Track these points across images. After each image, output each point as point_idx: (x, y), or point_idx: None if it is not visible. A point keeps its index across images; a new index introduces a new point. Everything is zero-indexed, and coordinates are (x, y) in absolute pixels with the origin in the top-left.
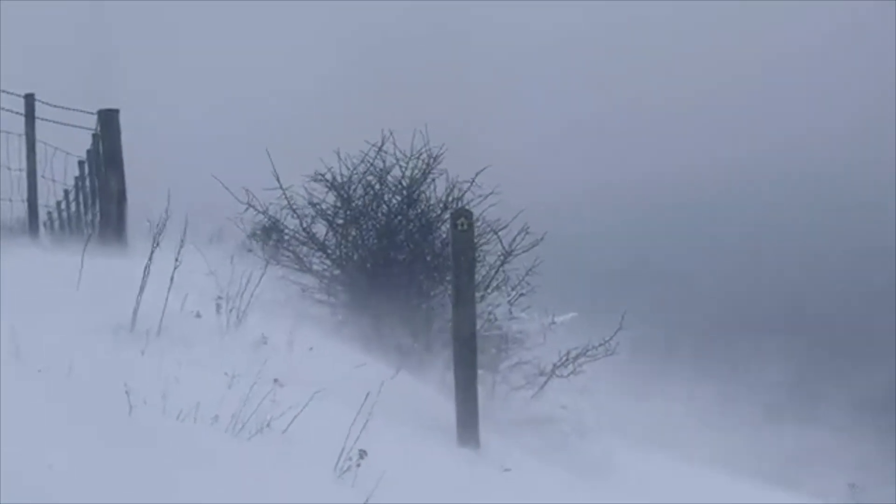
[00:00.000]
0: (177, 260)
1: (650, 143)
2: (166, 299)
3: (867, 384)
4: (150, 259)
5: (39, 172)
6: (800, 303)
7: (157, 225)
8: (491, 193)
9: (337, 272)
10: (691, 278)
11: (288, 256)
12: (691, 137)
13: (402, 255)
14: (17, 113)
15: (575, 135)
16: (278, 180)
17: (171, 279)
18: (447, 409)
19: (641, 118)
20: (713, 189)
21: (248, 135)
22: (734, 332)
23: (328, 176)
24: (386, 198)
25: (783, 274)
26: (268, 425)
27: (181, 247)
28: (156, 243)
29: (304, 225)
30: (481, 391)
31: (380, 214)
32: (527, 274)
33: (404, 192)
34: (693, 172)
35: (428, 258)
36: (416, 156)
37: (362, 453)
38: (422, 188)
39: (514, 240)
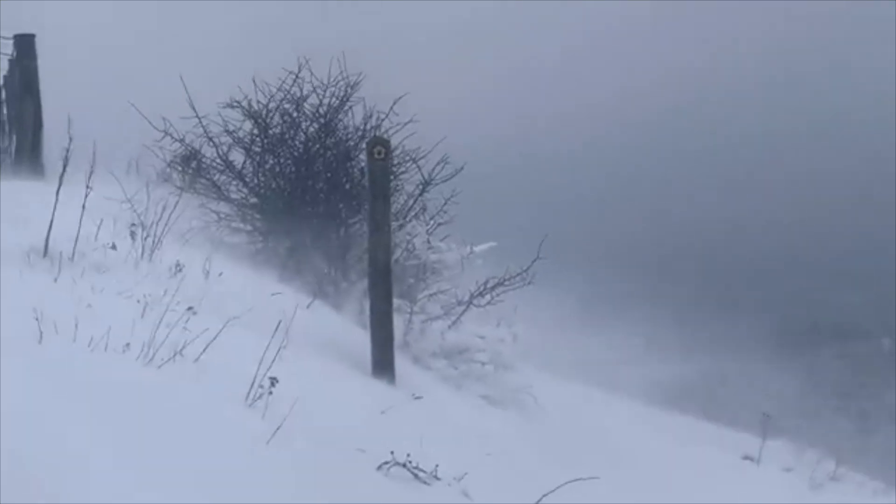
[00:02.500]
0: (88, 186)
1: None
2: (79, 225)
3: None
4: (59, 183)
5: None
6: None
7: (66, 150)
8: (409, 122)
9: (254, 200)
10: (617, 208)
11: (205, 185)
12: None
13: (320, 183)
14: None
15: (503, 66)
16: (193, 108)
17: (84, 206)
18: (363, 338)
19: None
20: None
21: (166, 64)
22: (659, 265)
23: (244, 103)
24: (303, 126)
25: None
26: (180, 353)
27: (91, 173)
28: (63, 169)
29: (221, 153)
30: (398, 321)
31: (297, 142)
32: (445, 203)
33: (322, 120)
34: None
35: (346, 187)
36: (334, 83)
37: (273, 381)
38: (339, 116)
39: (433, 169)
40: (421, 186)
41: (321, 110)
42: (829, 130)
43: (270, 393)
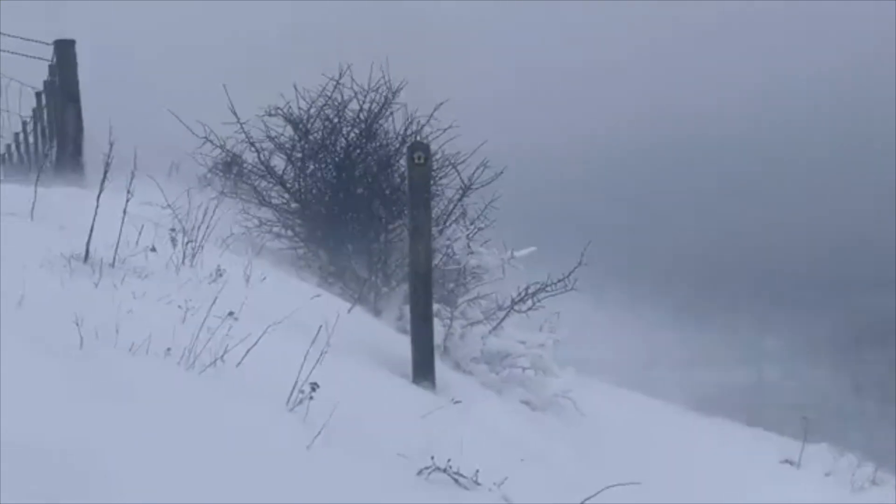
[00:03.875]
0: (129, 192)
1: (621, 84)
2: (120, 231)
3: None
4: (100, 189)
5: None
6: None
7: (107, 156)
8: (449, 128)
9: (295, 206)
10: (657, 218)
11: (246, 190)
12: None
13: (361, 188)
14: None
15: (543, 75)
16: (235, 114)
17: (125, 211)
18: (403, 343)
19: (613, 61)
20: (691, 130)
21: (207, 72)
22: (703, 271)
23: (285, 109)
24: (344, 131)
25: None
26: (221, 359)
27: (133, 178)
28: (105, 174)
29: (263, 158)
30: (439, 326)
31: (338, 148)
32: (486, 208)
33: (362, 126)
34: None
35: (386, 192)
36: (375, 89)
37: (314, 386)
38: (380, 122)
39: (473, 174)
40: (461, 191)
41: (362, 116)
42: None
43: (311, 398)
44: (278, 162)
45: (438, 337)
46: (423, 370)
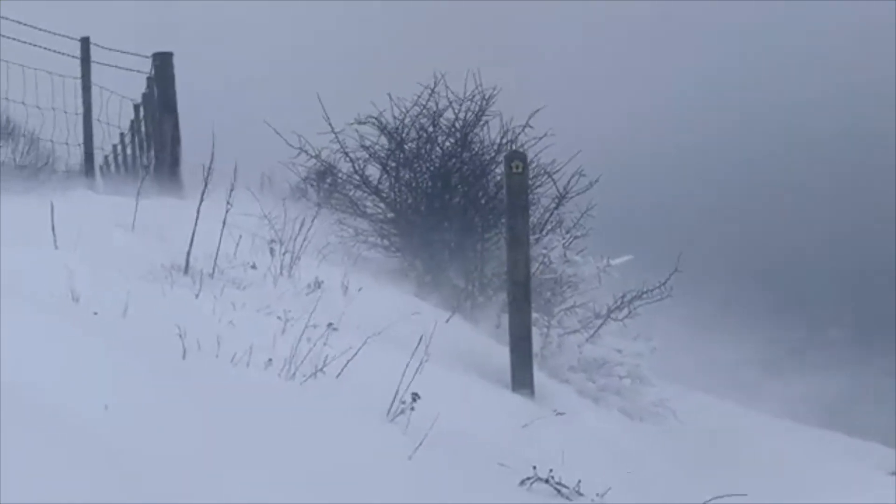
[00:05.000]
0: (228, 203)
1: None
2: (219, 242)
3: None
4: (200, 200)
5: (95, 116)
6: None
7: (207, 167)
8: (545, 136)
9: (391, 215)
10: (755, 222)
11: (341, 200)
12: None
13: (457, 198)
14: (72, 56)
15: (631, 79)
16: (330, 124)
17: (224, 222)
18: (501, 353)
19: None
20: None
21: (300, 81)
22: (795, 276)
23: (381, 119)
24: (439, 140)
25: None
26: (321, 370)
27: (232, 189)
28: (205, 186)
29: (357, 168)
30: (536, 335)
31: (433, 157)
32: (581, 217)
33: (457, 135)
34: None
35: (482, 201)
36: (469, 98)
37: (415, 397)
38: (475, 130)
39: (568, 182)
40: (556, 200)
41: (457, 125)
42: None
43: (412, 408)
44: (373, 171)
45: (536, 345)
46: (522, 379)
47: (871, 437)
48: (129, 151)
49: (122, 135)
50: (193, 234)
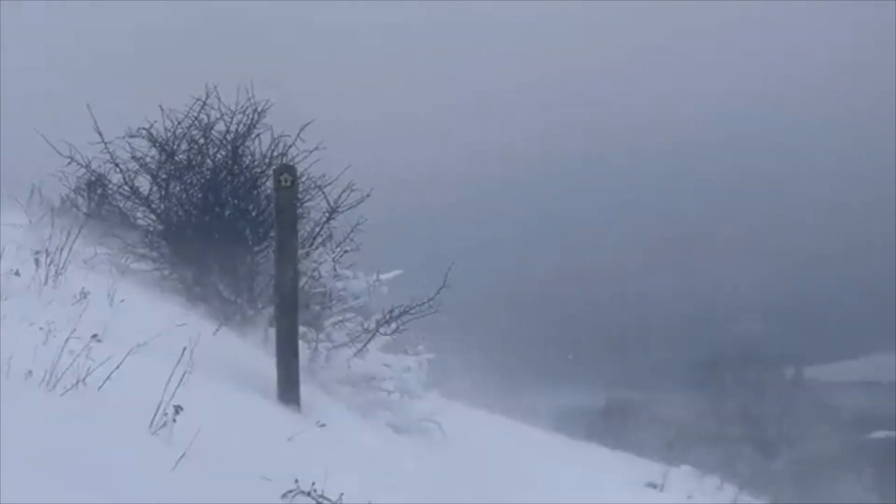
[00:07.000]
0: None
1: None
2: None
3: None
4: None
5: None
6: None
7: None
8: (316, 149)
9: (161, 227)
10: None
11: (111, 211)
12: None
13: (227, 210)
14: None
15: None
16: (100, 133)
17: None
18: (269, 365)
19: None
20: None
21: (71, 92)
22: (567, 297)
23: (152, 130)
24: (210, 152)
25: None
26: (83, 381)
27: None
28: None
29: (128, 179)
30: (304, 349)
31: (204, 169)
32: (352, 231)
33: (229, 147)
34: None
35: (253, 214)
36: (241, 110)
37: (178, 409)
38: (246, 143)
39: (339, 196)
40: (327, 213)
41: (228, 137)
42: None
43: (174, 420)
44: (144, 183)
45: (304, 359)
46: (288, 392)
47: (632, 450)
48: None
49: None
50: None
